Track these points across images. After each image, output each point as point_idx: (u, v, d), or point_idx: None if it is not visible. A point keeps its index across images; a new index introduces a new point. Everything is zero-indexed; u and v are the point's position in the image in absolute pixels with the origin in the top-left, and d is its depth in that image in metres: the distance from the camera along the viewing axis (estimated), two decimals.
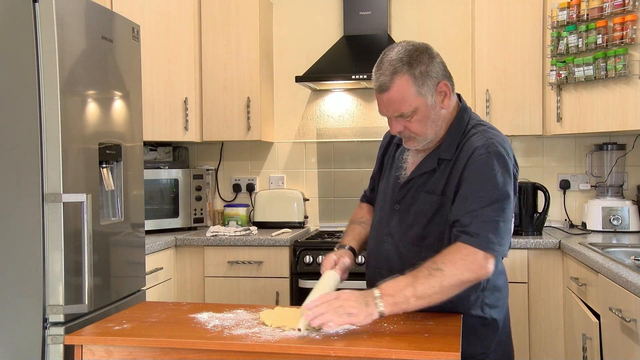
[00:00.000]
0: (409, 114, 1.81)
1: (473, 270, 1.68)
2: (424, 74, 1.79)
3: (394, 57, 1.80)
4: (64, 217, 2.07)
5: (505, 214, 1.74)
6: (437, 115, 1.84)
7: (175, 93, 3.71)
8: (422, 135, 1.85)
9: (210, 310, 1.88)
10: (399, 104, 1.80)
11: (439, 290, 1.66)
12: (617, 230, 3.40)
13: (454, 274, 1.66)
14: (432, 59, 1.82)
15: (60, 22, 2.09)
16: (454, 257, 1.69)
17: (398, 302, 1.64)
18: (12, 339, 2.05)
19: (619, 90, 3.11)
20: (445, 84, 1.83)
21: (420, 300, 1.65)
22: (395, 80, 1.78)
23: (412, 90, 1.78)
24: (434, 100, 1.82)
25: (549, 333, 3.23)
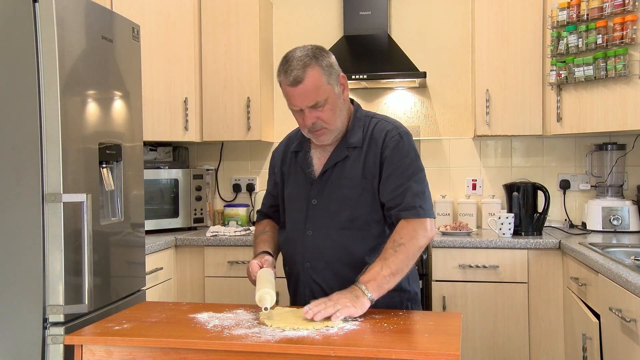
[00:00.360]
0: (322, 103, 1.96)
1: (426, 236, 1.94)
2: (329, 65, 1.97)
3: (300, 55, 1.97)
4: (64, 217, 2.07)
5: (425, 183, 2.01)
6: (342, 106, 2.02)
7: (175, 93, 3.71)
8: (332, 124, 2.00)
9: (210, 310, 1.88)
10: (314, 92, 1.94)
11: (406, 261, 1.89)
12: (617, 230, 3.40)
13: (414, 243, 1.91)
14: (330, 55, 2.02)
15: (60, 22, 2.09)
16: (407, 231, 1.92)
17: (380, 283, 1.83)
18: (12, 339, 2.05)
19: (619, 90, 3.11)
20: (343, 76, 2.03)
21: (397, 275, 1.87)
22: (307, 72, 1.93)
23: (323, 79, 1.95)
24: (339, 90, 2.00)
25: (549, 333, 3.23)
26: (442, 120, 3.95)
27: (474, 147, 3.91)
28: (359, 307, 1.77)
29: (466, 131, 3.91)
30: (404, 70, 3.60)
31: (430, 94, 3.97)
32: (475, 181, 3.89)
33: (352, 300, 1.77)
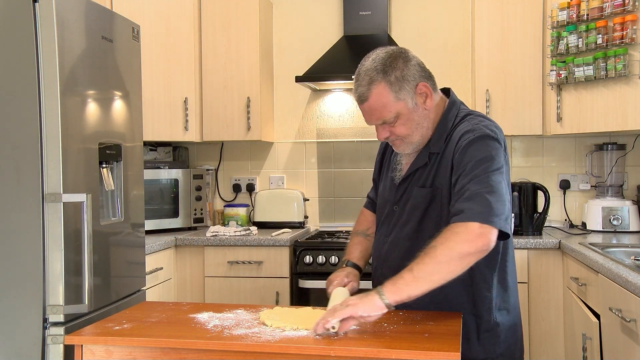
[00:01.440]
0: (391, 120, 1.84)
1: (469, 240, 1.64)
2: (400, 78, 1.81)
3: (369, 67, 1.84)
4: (64, 217, 2.07)
5: (492, 184, 1.70)
6: (421, 117, 1.87)
7: (175, 93, 3.71)
8: (408, 137, 1.88)
9: (210, 310, 1.88)
10: (380, 111, 1.83)
11: (436, 267, 1.63)
12: (617, 230, 3.40)
13: (448, 247, 1.64)
14: (407, 63, 1.84)
15: (60, 22, 2.09)
16: (446, 234, 1.67)
17: (399, 286, 1.62)
18: (12, 339, 2.05)
19: (619, 90, 3.11)
20: (425, 85, 1.85)
21: (421, 281, 1.62)
22: (372, 90, 1.81)
23: (391, 97, 1.81)
24: (414, 102, 1.84)
25: (549, 333, 3.23)
26: None
27: None
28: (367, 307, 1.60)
29: None
30: None
31: None
32: None
33: (360, 299, 1.62)
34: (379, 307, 1.61)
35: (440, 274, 1.63)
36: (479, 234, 1.64)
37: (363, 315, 1.60)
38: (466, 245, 1.63)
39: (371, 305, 1.60)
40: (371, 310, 1.60)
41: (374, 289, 1.65)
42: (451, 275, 1.65)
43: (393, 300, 1.61)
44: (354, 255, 2.10)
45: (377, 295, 1.61)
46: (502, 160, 1.77)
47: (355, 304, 1.60)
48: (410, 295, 1.62)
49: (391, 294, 1.61)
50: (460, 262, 1.64)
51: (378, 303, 1.60)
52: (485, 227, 1.65)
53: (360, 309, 1.59)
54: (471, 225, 1.65)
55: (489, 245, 1.66)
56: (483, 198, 1.67)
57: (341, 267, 2.08)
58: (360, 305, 1.60)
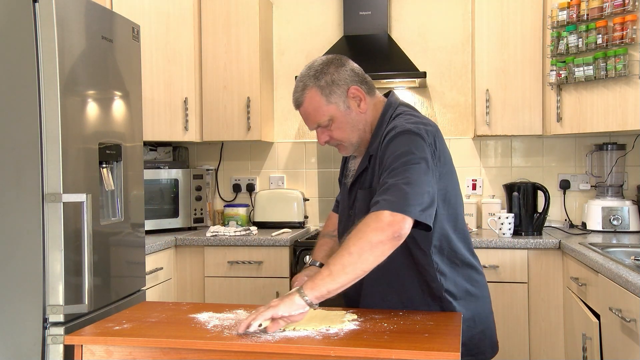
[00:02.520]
0: (325, 123, 1.91)
1: (378, 229, 1.64)
2: (330, 83, 1.88)
3: (304, 74, 1.92)
4: (64, 217, 2.07)
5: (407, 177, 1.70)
6: (356, 120, 1.92)
7: (175, 93, 3.71)
8: (346, 140, 1.93)
9: (210, 310, 1.88)
10: (314, 115, 1.90)
11: (348, 259, 1.64)
12: (617, 230, 3.40)
13: (358, 237, 1.64)
14: (339, 68, 1.90)
15: (60, 22, 2.09)
16: (358, 226, 1.68)
17: (317, 283, 1.63)
18: (12, 339, 2.05)
19: (619, 90, 3.11)
20: (356, 89, 1.90)
21: (336, 275, 1.63)
22: (305, 95, 1.90)
23: (322, 101, 1.88)
24: (347, 105, 1.90)
25: (549, 333, 3.23)
26: (442, 120, 3.95)
27: (474, 147, 3.91)
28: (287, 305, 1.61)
29: (466, 131, 3.91)
30: (404, 70, 3.60)
31: (430, 94, 3.97)
32: (475, 181, 3.89)
33: (281, 299, 1.64)
34: (299, 306, 1.62)
35: (353, 265, 1.64)
36: (389, 222, 1.64)
37: (284, 315, 1.61)
38: (376, 234, 1.64)
39: (291, 304, 1.62)
40: (292, 309, 1.62)
41: (294, 288, 1.68)
42: (366, 265, 1.65)
43: (313, 297, 1.63)
44: (318, 256, 2.13)
45: (297, 294, 1.63)
46: (423, 154, 1.76)
47: (277, 304, 1.62)
48: (329, 290, 1.63)
49: (310, 291, 1.63)
50: (372, 252, 1.64)
51: (298, 302, 1.62)
52: (395, 215, 1.64)
53: (280, 309, 1.61)
54: (381, 214, 1.65)
55: (400, 233, 1.65)
56: (398, 188, 1.68)
57: (306, 266, 2.13)
58: (281, 306, 1.62)
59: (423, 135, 1.80)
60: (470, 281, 1.94)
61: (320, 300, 1.65)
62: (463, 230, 1.96)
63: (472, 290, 1.94)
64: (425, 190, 1.71)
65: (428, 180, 1.73)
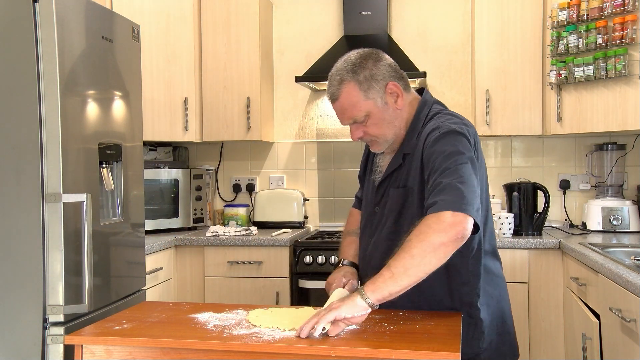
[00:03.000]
0: (362, 119, 1.87)
1: (441, 230, 1.60)
2: (369, 78, 1.84)
3: (340, 67, 1.87)
4: (64, 217, 2.07)
5: (462, 175, 1.68)
6: (393, 116, 1.89)
7: (175, 93, 3.71)
8: (381, 137, 1.90)
9: (210, 310, 1.88)
10: (350, 110, 1.86)
11: (410, 261, 1.60)
12: (617, 230, 3.40)
13: (421, 239, 1.61)
14: (377, 63, 1.87)
15: (60, 22, 2.09)
16: (420, 226, 1.65)
17: (378, 285, 1.60)
18: (12, 339, 2.05)
19: (619, 90, 3.11)
20: (395, 85, 1.88)
21: (398, 277, 1.60)
22: (342, 89, 1.85)
23: (360, 96, 1.84)
24: (384, 102, 1.87)
25: (549, 333, 3.23)
26: None
27: None
28: (347, 306, 1.58)
29: None
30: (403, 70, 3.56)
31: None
32: None
33: (342, 301, 1.62)
34: (361, 308, 1.59)
35: (416, 268, 1.61)
36: (452, 222, 1.61)
37: (347, 316, 1.58)
38: (439, 236, 1.61)
39: (353, 306, 1.59)
40: (354, 311, 1.59)
41: (356, 290, 1.65)
42: (429, 267, 1.62)
43: (375, 299, 1.60)
44: (349, 254, 2.10)
45: (358, 295, 1.60)
46: (470, 154, 1.75)
47: (338, 306, 1.59)
48: (391, 292, 1.61)
49: (372, 293, 1.60)
50: (435, 254, 1.61)
51: (360, 303, 1.59)
52: (457, 215, 1.62)
53: (343, 311, 1.58)
54: (443, 215, 1.62)
55: (463, 234, 1.62)
56: (454, 187, 1.66)
57: (338, 267, 2.09)
58: (343, 307, 1.59)
59: (467, 135, 1.79)
60: (492, 284, 1.92)
61: (381, 302, 1.62)
62: (492, 232, 1.95)
63: (494, 293, 1.92)
64: (477, 190, 1.70)
65: (477, 180, 1.73)
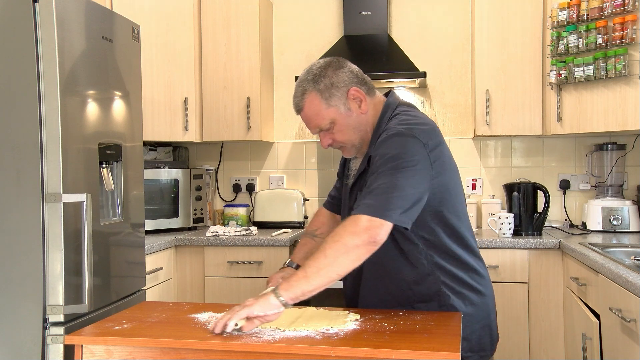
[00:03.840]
0: (327, 126, 1.90)
1: (354, 233, 1.66)
2: (329, 86, 1.88)
3: (302, 78, 1.92)
4: (64, 217, 2.07)
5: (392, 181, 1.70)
6: (357, 121, 1.91)
7: (175, 93, 3.71)
8: (348, 142, 1.93)
9: (210, 310, 1.88)
10: (314, 119, 1.90)
11: (324, 261, 1.65)
12: (617, 230, 3.40)
13: (335, 240, 1.66)
14: (337, 70, 1.90)
15: (60, 22, 2.09)
16: (337, 229, 1.70)
17: (292, 284, 1.64)
18: (12, 339, 2.05)
19: (619, 90, 3.11)
20: (356, 90, 1.90)
21: (311, 277, 1.64)
22: (305, 99, 1.89)
23: (322, 104, 1.88)
24: (347, 107, 1.89)
25: (549, 333, 3.23)
26: (442, 120, 3.95)
27: (474, 147, 3.91)
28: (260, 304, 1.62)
29: (466, 131, 3.91)
30: (404, 70, 3.60)
31: (430, 94, 3.97)
32: (475, 181, 3.89)
33: (256, 299, 1.65)
34: (274, 306, 1.63)
35: (329, 268, 1.65)
36: (366, 227, 1.66)
37: (259, 314, 1.62)
38: (352, 238, 1.65)
39: (266, 304, 1.63)
40: (267, 309, 1.62)
41: (270, 288, 1.69)
42: (342, 269, 1.67)
43: (288, 298, 1.64)
44: (297, 256, 2.13)
45: (272, 294, 1.64)
46: (414, 156, 1.75)
47: (251, 304, 1.63)
48: (304, 291, 1.65)
49: (285, 292, 1.64)
50: (348, 255, 1.66)
51: (273, 301, 1.63)
52: (373, 220, 1.67)
53: (256, 309, 1.62)
54: (359, 219, 1.67)
55: (376, 239, 1.67)
56: (380, 192, 1.70)
57: (282, 267, 2.12)
58: (256, 305, 1.62)
59: (417, 136, 1.79)
60: (471, 276, 1.93)
61: (295, 301, 1.65)
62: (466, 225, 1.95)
63: (474, 285, 1.93)
64: (409, 193, 1.72)
65: (415, 182, 1.74)
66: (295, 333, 1.63)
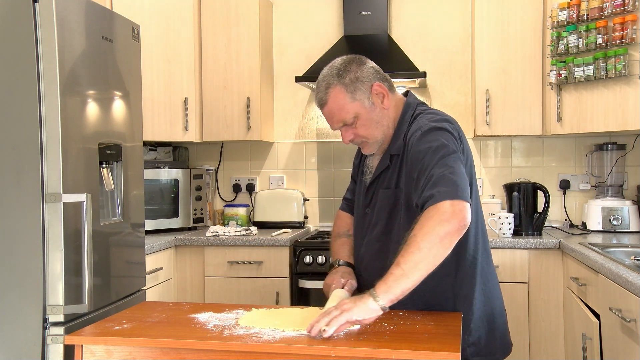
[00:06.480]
0: (351, 121, 1.91)
1: (445, 220, 1.64)
2: (354, 80, 1.89)
3: (326, 73, 1.92)
4: (64, 217, 2.07)
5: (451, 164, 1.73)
6: (380, 116, 1.93)
7: (175, 93, 3.71)
8: (371, 137, 1.94)
9: (210, 310, 1.89)
10: (339, 113, 1.90)
11: (419, 255, 1.62)
12: (617, 230, 3.40)
13: (426, 232, 1.64)
14: (361, 66, 1.92)
15: (60, 22, 2.08)
16: (421, 220, 1.67)
17: (390, 285, 1.62)
18: (12, 339, 2.05)
19: (619, 90, 3.11)
20: (379, 85, 1.92)
21: (409, 273, 1.62)
22: (329, 93, 1.89)
23: (347, 98, 1.89)
24: (371, 102, 1.91)
25: (549, 333, 3.23)
26: None
27: (474, 147, 3.90)
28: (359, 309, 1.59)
29: (466, 131, 3.87)
30: (404, 70, 3.60)
31: (430, 94, 3.97)
32: None
33: (354, 301, 1.61)
34: (373, 311, 1.61)
35: (425, 261, 1.63)
36: (452, 212, 1.65)
37: (358, 319, 1.60)
38: (443, 226, 1.64)
39: (365, 309, 1.60)
40: (366, 314, 1.60)
41: (367, 291, 1.64)
42: (437, 259, 1.65)
43: (388, 300, 1.61)
44: (343, 254, 2.10)
45: (370, 298, 1.61)
46: (454, 147, 1.79)
47: (350, 308, 1.60)
48: (403, 290, 1.62)
49: (384, 294, 1.61)
50: (442, 244, 1.64)
51: (372, 306, 1.60)
52: (456, 204, 1.66)
53: (355, 314, 1.59)
54: (442, 205, 1.65)
55: (465, 221, 1.66)
56: (446, 178, 1.69)
57: (333, 268, 2.08)
58: (355, 310, 1.59)
59: (448, 130, 1.83)
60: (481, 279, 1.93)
61: (394, 302, 1.63)
62: (482, 226, 1.96)
63: (483, 288, 1.93)
64: (464, 174, 1.74)
65: (461, 166, 1.77)
66: (295, 333, 1.63)
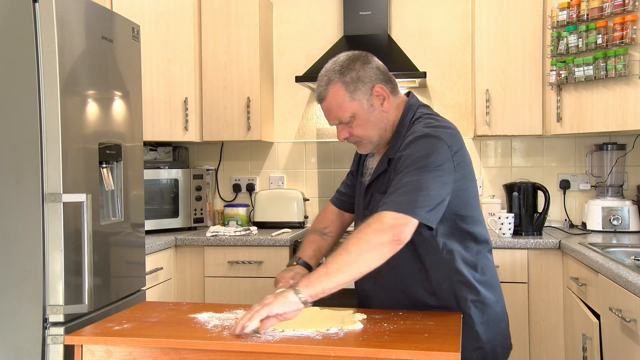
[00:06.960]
0: (347, 120, 1.88)
1: (380, 230, 1.63)
2: (355, 79, 1.85)
3: (328, 68, 1.89)
4: (64, 217, 2.07)
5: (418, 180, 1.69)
6: (378, 118, 1.89)
7: (175, 93, 3.71)
8: (366, 138, 1.91)
9: (210, 310, 1.89)
10: (336, 111, 1.88)
11: (347, 258, 1.63)
12: (617, 230, 3.40)
13: (359, 237, 1.64)
14: (365, 65, 1.87)
15: (60, 22, 2.08)
16: (362, 225, 1.67)
17: (312, 281, 1.63)
18: (12, 339, 2.05)
19: (619, 90, 3.11)
20: (381, 87, 1.88)
21: (333, 274, 1.62)
22: (329, 89, 1.87)
23: (346, 97, 1.85)
24: (370, 104, 1.87)
25: (549, 333, 3.23)
26: None
27: (474, 147, 3.91)
28: (280, 303, 1.60)
29: (466, 131, 3.91)
30: (404, 70, 3.60)
31: (430, 94, 3.97)
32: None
33: (275, 297, 1.63)
34: (293, 304, 1.61)
35: (351, 265, 1.63)
36: (392, 225, 1.63)
37: (279, 312, 1.60)
38: (376, 236, 1.63)
39: (285, 302, 1.61)
40: (286, 307, 1.61)
41: (290, 286, 1.68)
42: (364, 267, 1.64)
43: (308, 295, 1.62)
44: (306, 254, 2.09)
45: (292, 291, 1.62)
46: (440, 158, 1.75)
47: (271, 302, 1.61)
48: (324, 289, 1.63)
49: (305, 289, 1.62)
50: (372, 253, 1.63)
51: (293, 299, 1.61)
52: (400, 217, 1.64)
53: (275, 307, 1.60)
54: (385, 216, 1.65)
55: (400, 236, 1.64)
56: (408, 191, 1.67)
57: (291, 264, 2.08)
58: (275, 304, 1.61)
59: (442, 138, 1.78)
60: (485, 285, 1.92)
61: (315, 299, 1.64)
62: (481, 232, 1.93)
63: (487, 294, 1.92)
64: (435, 193, 1.70)
65: (441, 183, 1.72)
66: (295, 333, 1.63)
